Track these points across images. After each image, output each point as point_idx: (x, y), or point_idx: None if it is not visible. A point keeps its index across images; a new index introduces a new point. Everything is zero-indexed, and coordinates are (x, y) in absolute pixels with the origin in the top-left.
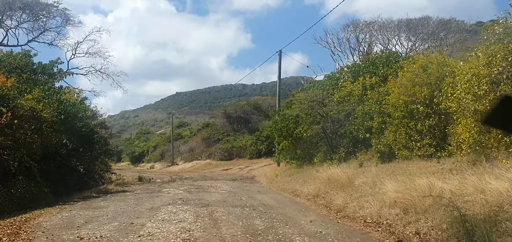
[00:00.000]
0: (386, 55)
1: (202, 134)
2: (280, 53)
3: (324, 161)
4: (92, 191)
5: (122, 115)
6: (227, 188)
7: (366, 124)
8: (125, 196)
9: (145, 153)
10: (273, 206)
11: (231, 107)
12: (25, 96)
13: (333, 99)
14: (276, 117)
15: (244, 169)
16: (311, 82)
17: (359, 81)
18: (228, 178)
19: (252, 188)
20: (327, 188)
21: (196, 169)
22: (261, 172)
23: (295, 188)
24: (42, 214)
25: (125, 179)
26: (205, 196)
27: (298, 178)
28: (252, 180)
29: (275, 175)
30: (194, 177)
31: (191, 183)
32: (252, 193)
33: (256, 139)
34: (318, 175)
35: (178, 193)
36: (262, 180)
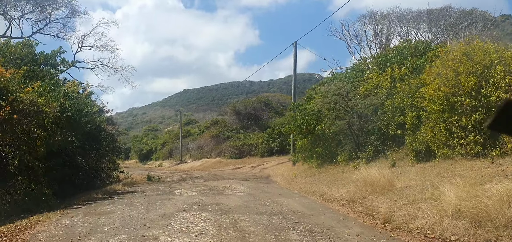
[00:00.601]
0: (415, 45)
1: (211, 131)
2: (295, 45)
3: (349, 160)
4: (99, 191)
5: (130, 112)
6: (244, 190)
7: (397, 119)
8: (134, 198)
9: (153, 150)
10: (305, 214)
11: (241, 104)
12: (25, 89)
13: (358, 92)
14: (294, 113)
15: (256, 168)
16: (334, 75)
17: (387, 73)
18: (241, 177)
19: (271, 190)
20: (363, 191)
21: (206, 167)
22: (276, 171)
23: (322, 190)
24: (40, 220)
25: (133, 178)
26: (222, 199)
27: (321, 179)
28: (267, 180)
29: (293, 175)
30: (205, 176)
31: (203, 183)
32: (274, 196)
33: (267, 136)
34: (346, 176)
35: (191, 195)
36: (279, 180)
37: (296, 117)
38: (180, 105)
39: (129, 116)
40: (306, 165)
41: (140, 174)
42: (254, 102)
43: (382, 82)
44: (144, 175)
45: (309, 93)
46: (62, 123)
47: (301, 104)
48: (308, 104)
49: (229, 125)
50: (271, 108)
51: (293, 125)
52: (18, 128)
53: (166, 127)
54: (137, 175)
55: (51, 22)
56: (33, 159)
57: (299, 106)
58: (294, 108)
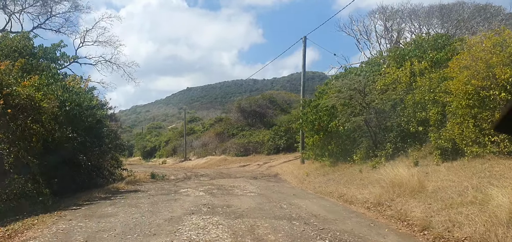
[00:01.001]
0: (434, 38)
1: (215, 129)
2: (304, 40)
3: (366, 158)
4: (101, 190)
5: (133, 110)
6: (254, 190)
7: (419, 115)
8: (137, 198)
9: (156, 147)
10: (328, 219)
11: (246, 101)
12: (22, 83)
13: (375, 87)
14: (305, 109)
15: (263, 166)
16: (347, 69)
17: (406, 67)
18: (248, 175)
19: (283, 190)
20: (390, 193)
21: (210, 165)
22: (284, 170)
23: (341, 191)
24: (34, 224)
25: (136, 176)
26: (233, 200)
27: (337, 179)
28: (276, 178)
29: (305, 173)
30: (211, 174)
31: (210, 181)
32: (288, 197)
33: (274, 133)
34: (365, 175)
35: (199, 195)
36: (290, 179)
37: (308, 113)
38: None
39: (132, 114)
40: (317, 163)
41: (143, 172)
42: (259, 99)
43: (400, 77)
44: (147, 173)
45: (322, 88)
46: (61, 118)
47: (313, 100)
48: (321, 100)
49: (233, 122)
50: (276, 106)
51: (304, 122)
52: (13, 123)
53: (170, 124)
54: (141, 172)
55: (52, 16)
56: (29, 156)
57: (311, 102)
58: (306, 104)
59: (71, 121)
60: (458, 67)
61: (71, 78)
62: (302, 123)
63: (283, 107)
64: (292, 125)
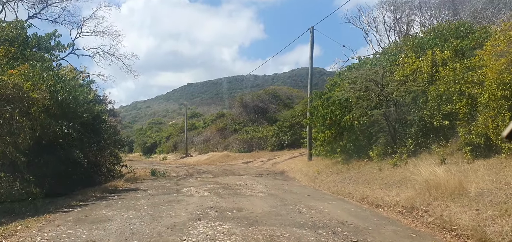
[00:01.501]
0: (456, 26)
1: (216, 124)
2: (312, 30)
3: (384, 155)
4: (98, 189)
5: (134, 106)
6: (263, 189)
7: (444, 108)
8: (136, 199)
9: (157, 143)
10: (359, 226)
11: (248, 96)
12: (9, 71)
13: (392, 78)
14: (315, 102)
15: (267, 162)
16: (362, 60)
17: (427, 56)
18: (252, 172)
19: (295, 190)
20: (425, 195)
21: (213, 161)
22: (291, 167)
23: (363, 192)
24: (17, 231)
25: (136, 173)
26: (243, 202)
27: (353, 177)
28: (284, 176)
29: (316, 171)
30: (213, 171)
31: (213, 179)
32: (303, 198)
33: (277, 129)
34: (386, 174)
35: (204, 195)
36: (299, 177)
37: (319, 107)
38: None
39: (133, 109)
40: (327, 160)
41: (144, 168)
42: (262, 94)
43: (421, 67)
44: (148, 169)
45: (333, 80)
46: (54, 111)
47: (325, 92)
48: (332, 92)
49: (236, 117)
50: (279, 101)
51: (315, 116)
52: None
53: (170, 120)
54: (141, 169)
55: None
56: (17, 153)
57: (322, 95)
58: (317, 97)
59: (65, 114)
60: (491, 55)
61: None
62: (312, 117)
63: (286, 102)
64: (297, 120)
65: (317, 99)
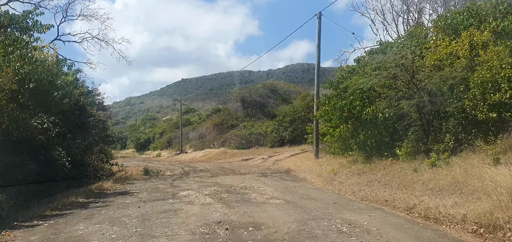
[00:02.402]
0: (493, 4)
1: (213, 120)
2: (319, 16)
3: (415, 153)
4: (81, 192)
5: (127, 101)
6: (275, 193)
7: (490, 98)
8: (124, 207)
9: (151, 139)
10: None
11: (246, 91)
12: None
13: (423, 64)
14: (330, 93)
15: (268, 160)
16: (383, 44)
17: (464, 38)
18: (255, 171)
19: (313, 194)
20: (509, 209)
21: (209, 158)
22: (297, 165)
23: (406, 201)
24: None
25: (128, 172)
26: (257, 213)
27: (382, 180)
28: (291, 176)
29: (331, 171)
30: (211, 169)
31: (213, 179)
32: (330, 207)
33: (278, 124)
34: (426, 177)
35: (205, 202)
36: (310, 178)
37: (334, 98)
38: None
39: (126, 105)
40: (340, 158)
41: (136, 166)
42: (260, 88)
43: (458, 50)
44: (140, 168)
45: (350, 67)
46: (25, 100)
47: (341, 81)
48: (350, 81)
49: (233, 112)
50: (277, 96)
51: (330, 108)
52: None
53: (164, 116)
54: (133, 167)
55: None
56: None
57: (339, 84)
58: (332, 86)
59: (37, 101)
60: None
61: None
62: (327, 109)
63: (284, 97)
64: (298, 114)
65: (333, 89)
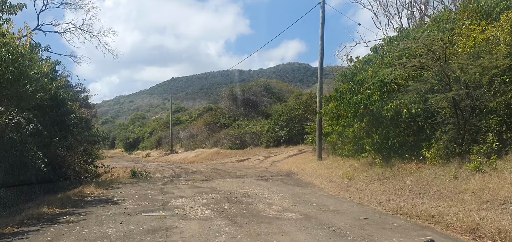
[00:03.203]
0: None
1: (204, 119)
2: (323, 4)
3: (448, 156)
4: (57, 200)
5: (116, 100)
6: (287, 204)
7: None
8: (103, 222)
9: (140, 139)
10: None
11: (239, 89)
12: None
13: (455, 51)
14: (342, 86)
15: (265, 161)
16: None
17: (504, 21)
18: (252, 174)
19: (331, 204)
20: None
21: (201, 159)
22: (300, 167)
23: (463, 218)
24: None
25: (114, 173)
26: (275, 237)
27: (415, 188)
28: (295, 180)
29: (346, 176)
30: (205, 171)
31: (208, 184)
32: (363, 225)
33: (273, 123)
34: (478, 186)
35: (204, 217)
36: (319, 183)
37: (346, 92)
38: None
39: (115, 104)
40: (350, 159)
41: (124, 167)
42: (253, 86)
43: (497, 35)
44: (128, 169)
45: (367, 57)
46: None
47: (355, 73)
48: (365, 73)
49: (225, 111)
50: (272, 94)
51: (345, 104)
52: None
53: (154, 115)
54: (120, 168)
55: None
56: None
57: (353, 76)
58: (345, 79)
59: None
60: None
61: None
62: (340, 105)
63: (278, 95)
64: (295, 113)
65: (346, 82)
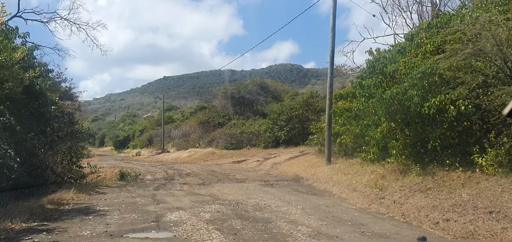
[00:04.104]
0: None
1: (198, 117)
2: None
3: (509, 163)
4: (27, 209)
5: (107, 98)
6: (311, 221)
7: None
8: None
9: (130, 137)
10: None
11: (234, 87)
12: None
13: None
14: (368, 81)
15: (265, 163)
16: (440, 15)
17: None
18: (253, 177)
19: (370, 222)
20: None
21: (195, 159)
22: (307, 171)
23: None
24: None
25: (101, 174)
26: None
27: (480, 205)
28: (305, 186)
29: (376, 185)
30: (200, 173)
31: (208, 190)
32: None
33: (272, 123)
34: None
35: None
36: (337, 191)
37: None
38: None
39: (106, 102)
40: (369, 165)
41: (112, 167)
42: (249, 85)
43: None
44: (117, 169)
45: (399, 46)
46: None
47: (385, 64)
48: (397, 64)
49: (220, 110)
50: (268, 93)
51: (377, 101)
52: None
53: (145, 113)
54: (108, 168)
55: None
56: None
57: (384, 66)
58: (375, 70)
59: None
60: None
61: None
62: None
63: (275, 94)
64: (295, 112)
65: (374, 75)
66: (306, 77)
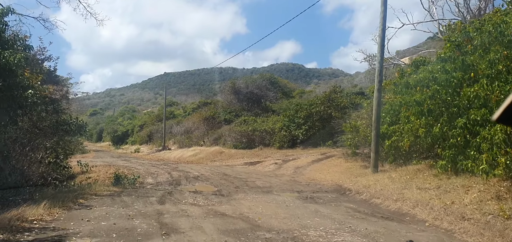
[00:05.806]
0: None
1: (201, 113)
2: None
3: None
4: None
5: (107, 93)
6: None
7: None
8: None
9: (129, 132)
10: None
11: (242, 81)
12: None
13: None
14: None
15: (284, 166)
16: None
17: None
18: (279, 184)
19: None
20: None
21: (201, 158)
22: (357, 184)
23: None
24: None
25: (92, 175)
26: None
27: None
28: (359, 202)
29: (501, 212)
30: (212, 177)
31: (232, 206)
32: None
33: (288, 120)
34: None
35: None
36: (429, 217)
37: (495, 59)
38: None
39: (106, 96)
40: (442, 176)
41: (107, 166)
42: (258, 79)
43: None
44: (112, 168)
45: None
46: None
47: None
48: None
49: (226, 105)
50: (278, 88)
51: (488, 82)
52: None
53: (145, 109)
54: (103, 167)
55: None
56: None
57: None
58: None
59: None
60: None
61: None
62: (472, 95)
63: (285, 90)
64: (315, 109)
65: (495, 43)
66: (308, 77)
